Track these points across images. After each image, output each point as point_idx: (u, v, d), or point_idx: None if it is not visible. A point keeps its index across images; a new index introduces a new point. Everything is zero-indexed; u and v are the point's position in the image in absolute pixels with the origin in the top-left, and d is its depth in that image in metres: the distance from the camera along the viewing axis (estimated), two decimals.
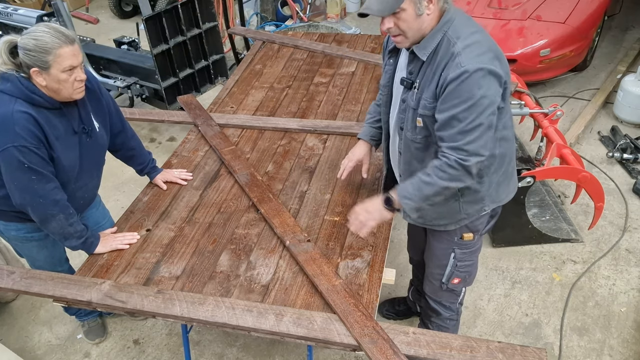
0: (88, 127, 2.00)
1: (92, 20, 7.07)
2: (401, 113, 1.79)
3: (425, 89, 1.65)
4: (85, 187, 2.13)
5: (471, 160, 1.60)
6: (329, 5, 6.54)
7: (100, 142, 2.09)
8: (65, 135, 1.92)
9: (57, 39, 1.74)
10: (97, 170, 2.18)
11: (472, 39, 1.57)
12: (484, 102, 1.54)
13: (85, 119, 1.99)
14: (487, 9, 4.69)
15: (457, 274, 2.08)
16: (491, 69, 1.53)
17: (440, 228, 1.94)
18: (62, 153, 1.90)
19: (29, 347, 2.78)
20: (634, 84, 4.04)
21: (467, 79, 1.52)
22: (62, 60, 1.76)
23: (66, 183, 1.99)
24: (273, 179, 2.40)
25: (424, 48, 1.63)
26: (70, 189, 2.03)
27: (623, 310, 2.75)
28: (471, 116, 1.55)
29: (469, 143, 1.58)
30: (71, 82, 1.81)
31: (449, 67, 1.55)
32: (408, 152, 1.82)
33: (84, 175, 2.07)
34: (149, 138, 4.42)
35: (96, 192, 2.31)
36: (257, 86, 3.21)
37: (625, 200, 3.44)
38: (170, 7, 3.88)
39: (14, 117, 1.76)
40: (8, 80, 1.80)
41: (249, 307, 1.75)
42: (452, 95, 1.55)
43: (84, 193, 2.15)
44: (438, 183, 1.66)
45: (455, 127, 1.57)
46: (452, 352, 1.58)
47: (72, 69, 1.79)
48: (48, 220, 1.94)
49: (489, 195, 1.85)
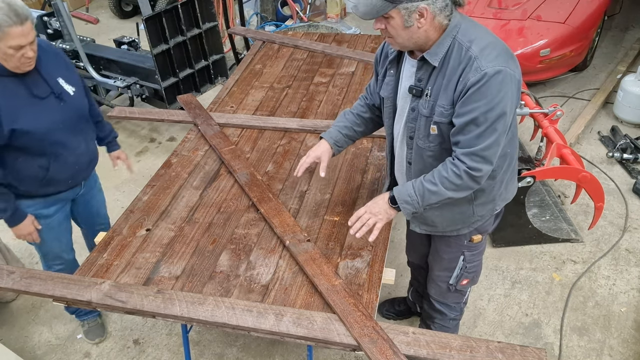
0: (57, 91, 2.04)
1: (92, 20, 7.07)
2: (411, 122, 1.75)
3: (440, 96, 1.62)
4: (75, 152, 2.17)
5: (483, 170, 1.60)
6: (329, 5, 6.54)
7: (77, 105, 2.13)
8: (29, 102, 1.96)
9: (7, 17, 1.74)
10: (84, 135, 2.22)
11: (485, 41, 1.56)
12: (502, 107, 1.54)
13: (53, 83, 2.03)
14: (487, 9, 4.69)
15: (466, 275, 2.08)
16: (509, 71, 1.53)
17: (453, 233, 1.94)
18: (26, 120, 1.94)
19: (29, 347, 2.78)
20: (634, 84, 4.05)
21: (488, 82, 1.51)
22: (10, 39, 1.78)
23: (47, 149, 2.05)
24: (273, 179, 2.40)
25: (435, 54, 1.60)
26: (57, 154, 2.09)
27: (623, 310, 2.74)
28: (489, 121, 1.54)
29: (484, 149, 1.57)
30: (17, 57, 1.83)
31: (467, 71, 1.54)
32: (420, 162, 1.79)
33: (70, 140, 2.11)
34: (149, 138, 4.42)
35: (92, 158, 2.34)
36: (257, 86, 3.21)
37: (625, 200, 3.44)
38: (170, 7, 3.88)
39: None
40: None
41: (248, 307, 1.75)
42: (472, 98, 1.54)
43: (76, 158, 2.19)
44: (444, 194, 1.65)
45: (473, 132, 1.56)
46: (452, 352, 1.58)
47: (20, 47, 1.81)
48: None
49: (500, 194, 1.85)
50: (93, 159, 2.34)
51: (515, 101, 1.60)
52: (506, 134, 1.63)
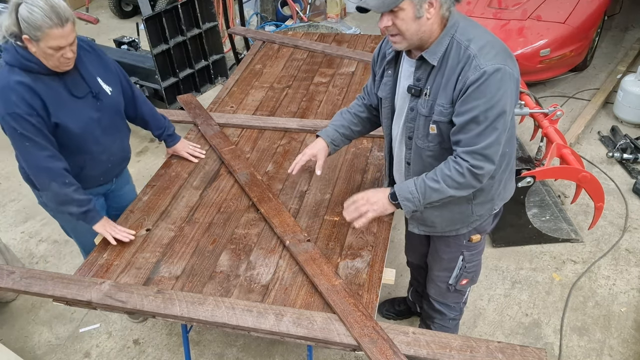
0: (95, 90, 2.05)
1: (92, 20, 7.07)
2: (409, 122, 1.75)
3: (439, 95, 1.63)
4: (109, 150, 2.18)
5: (485, 169, 1.60)
6: (329, 5, 6.54)
7: (114, 105, 2.14)
8: (69, 100, 1.98)
9: (49, 19, 1.75)
10: (119, 133, 2.23)
11: (483, 40, 1.57)
12: (502, 105, 1.54)
13: (91, 83, 2.04)
14: (487, 9, 4.69)
15: (465, 275, 2.08)
16: (508, 70, 1.54)
17: (452, 233, 1.94)
18: (66, 117, 1.96)
19: (29, 347, 2.78)
20: (634, 84, 4.04)
21: (487, 80, 1.51)
22: (50, 40, 1.79)
23: (83, 147, 2.07)
24: (273, 179, 2.40)
25: (433, 53, 1.61)
26: (93, 152, 2.11)
27: (623, 310, 2.74)
28: (489, 119, 1.54)
29: (485, 148, 1.57)
30: (57, 57, 1.85)
31: (467, 69, 1.54)
32: (419, 162, 1.79)
33: (104, 139, 2.13)
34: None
35: (125, 156, 2.35)
36: (257, 86, 3.21)
37: (625, 200, 3.44)
38: (170, 7, 3.89)
39: (10, 87, 1.84)
40: (7, 51, 1.86)
41: (248, 307, 1.75)
42: (472, 97, 1.54)
43: (109, 156, 2.21)
44: (446, 192, 1.64)
45: (474, 130, 1.56)
46: (452, 352, 1.58)
47: (60, 48, 1.82)
48: (43, 187, 2.03)
49: (498, 193, 1.85)
50: (126, 158, 2.36)
51: (514, 100, 1.61)
52: (506, 133, 1.63)
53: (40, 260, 3.33)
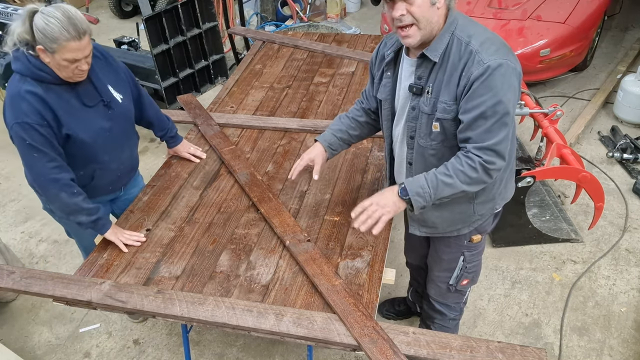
0: (107, 99, 2.02)
1: (92, 20, 7.07)
2: (411, 121, 1.74)
3: (442, 92, 1.62)
4: (118, 159, 2.17)
5: (497, 164, 1.59)
6: (329, 5, 6.54)
7: (124, 113, 2.12)
8: (80, 110, 1.95)
9: (66, 32, 1.72)
10: (129, 142, 2.22)
11: (483, 35, 1.58)
12: (508, 99, 1.54)
13: (103, 91, 2.01)
14: (487, 9, 4.69)
15: (466, 275, 2.08)
16: (511, 64, 1.54)
17: (453, 234, 1.93)
18: (78, 127, 1.93)
19: (29, 347, 2.78)
20: (634, 84, 4.04)
21: (492, 75, 1.52)
22: (66, 52, 1.76)
23: (94, 157, 2.04)
24: (273, 179, 2.40)
25: (434, 50, 1.61)
26: (103, 162, 2.08)
27: (623, 310, 2.74)
28: (497, 114, 1.54)
29: (496, 144, 1.57)
30: (72, 69, 1.82)
31: (470, 65, 1.54)
32: (422, 161, 1.78)
33: (115, 148, 2.11)
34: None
35: (134, 165, 2.34)
36: (257, 86, 3.21)
37: (625, 200, 3.44)
38: (170, 7, 3.88)
39: (21, 96, 1.81)
40: (19, 60, 1.83)
41: (249, 307, 1.75)
42: (477, 92, 1.54)
43: (119, 165, 2.19)
44: (459, 187, 1.62)
45: (482, 126, 1.56)
46: (452, 352, 1.58)
47: (75, 61, 1.80)
48: (51, 198, 2.00)
49: (499, 193, 1.85)
50: (134, 167, 2.35)
51: (517, 94, 1.60)
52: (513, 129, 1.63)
53: (40, 260, 3.33)
